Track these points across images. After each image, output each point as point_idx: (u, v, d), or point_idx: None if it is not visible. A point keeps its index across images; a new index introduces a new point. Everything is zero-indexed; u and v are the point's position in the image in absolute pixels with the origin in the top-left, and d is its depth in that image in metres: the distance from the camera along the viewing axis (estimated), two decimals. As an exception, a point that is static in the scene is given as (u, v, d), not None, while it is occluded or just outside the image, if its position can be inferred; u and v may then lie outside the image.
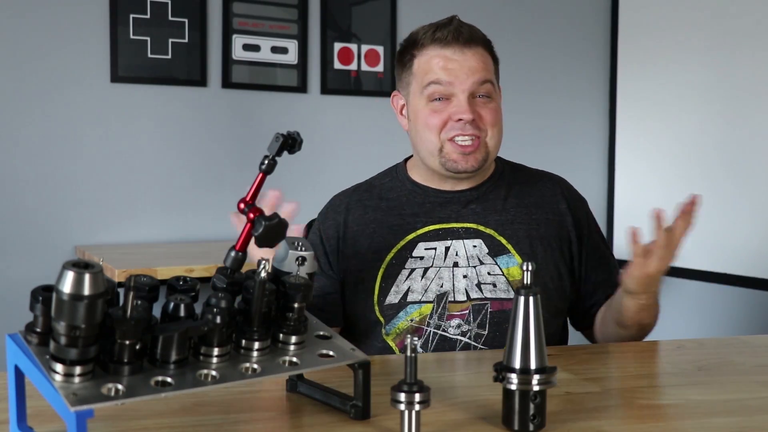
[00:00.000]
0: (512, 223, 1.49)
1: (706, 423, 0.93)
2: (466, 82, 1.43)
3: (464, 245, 1.47)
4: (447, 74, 1.43)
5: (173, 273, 1.89)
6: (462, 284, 1.45)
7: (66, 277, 0.72)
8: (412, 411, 0.82)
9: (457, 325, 1.43)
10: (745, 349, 1.32)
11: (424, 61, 1.46)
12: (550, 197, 1.54)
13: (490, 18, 3.34)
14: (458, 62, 1.43)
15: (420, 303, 1.44)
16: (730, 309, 3.27)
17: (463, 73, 1.43)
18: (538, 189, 1.55)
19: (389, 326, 1.45)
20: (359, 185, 1.60)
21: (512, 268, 1.45)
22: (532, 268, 0.89)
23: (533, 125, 3.44)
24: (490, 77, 1.46)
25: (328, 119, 3.15)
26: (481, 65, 1.44)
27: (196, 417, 0.91)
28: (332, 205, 1.58)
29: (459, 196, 1.51)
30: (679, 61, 3.21)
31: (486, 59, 1.46)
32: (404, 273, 1.46)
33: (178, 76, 2.92)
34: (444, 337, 1.43)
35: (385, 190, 1.56)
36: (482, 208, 1.50)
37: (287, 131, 0.91)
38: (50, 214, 2.77)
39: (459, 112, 1.43)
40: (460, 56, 1.43)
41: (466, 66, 1.43)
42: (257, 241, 0.88)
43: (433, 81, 1.44)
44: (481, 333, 1.43)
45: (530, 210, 1.51)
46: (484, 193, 1.52)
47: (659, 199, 3.46)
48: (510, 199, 1.52)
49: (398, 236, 1.48)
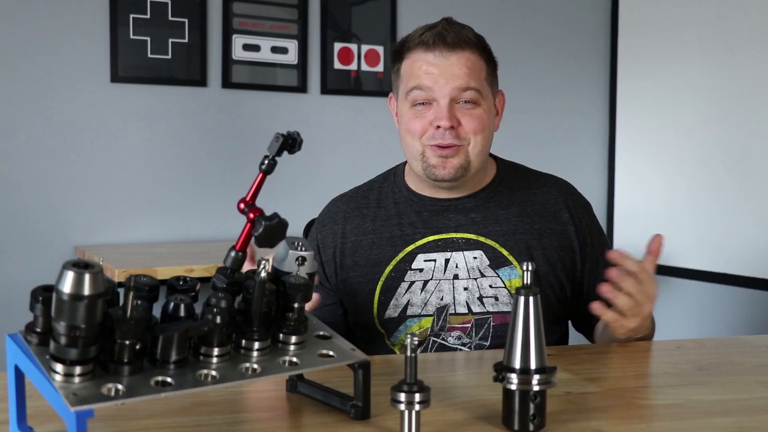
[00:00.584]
0: (514, 233, 1.45)
1: (706, 423, 0.93)
2: (446, 88, 1.39)
3: (464, 257, 1.44)
4: (428, 79, 1.39)
5: (173, 273, 1.89)
6: (463, 297, 1.42)
7: (66, 277, 0.72)
8: (412, 411, 0.82)
9: (457, 336, 1.41)
10: (745, 349, 1.32)
11: (408, 64, 1.43)
12: (552, 205, 1.49)
13: (490, 18, 3.34)
14: (440, 67, 1.39)
15: (420, 317, 1.42)
16: (730, 309, 3.27)
17: (444, 78, 1.39)
18: (541, 196, 1.50)
19: (393, 338, 1.44)
20: (357, 189, 1.57)
21: (514, 281, 1.42)
22: (532, 268, 0.88)
23: (533, 125, 3.45)
24: (474, 84, 1.40)
25: (328, 119, 3.15)
26: (464, 71, 1.40)
27: (196, 417, 0.91)
28: (330, 213, 1.54)
29: (457, 204, 1.47)
30: (679, 61, 3.21)
31: (473, 63, 1.41)
32: (404, 286, 1.43)
33: (178, 76, 2.92)
34: (443, 345, 1.41)
35: (383, 196, 1.53)
36: (482, 218, 1.46)
37: (287, 131, 0.91)
38: (50, 214, 2.77)
39: (438, 118, 1.39)
40: (442, 61, 1.40)
41: (447, 71, 1.39)
42: (257, 241, 0.88)
43: (415, 86, 1.41)
44: (483, 344, 1.41)
45: (532, 219, 1.47)
46: (484, 200, 1.48)
47: (659, 199, 3.47)
48: (512, 207, 1.48)
49: (397, 248, 1.46)
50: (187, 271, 2.30)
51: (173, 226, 2.95)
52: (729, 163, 3.06)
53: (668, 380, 1.12)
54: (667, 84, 3.26)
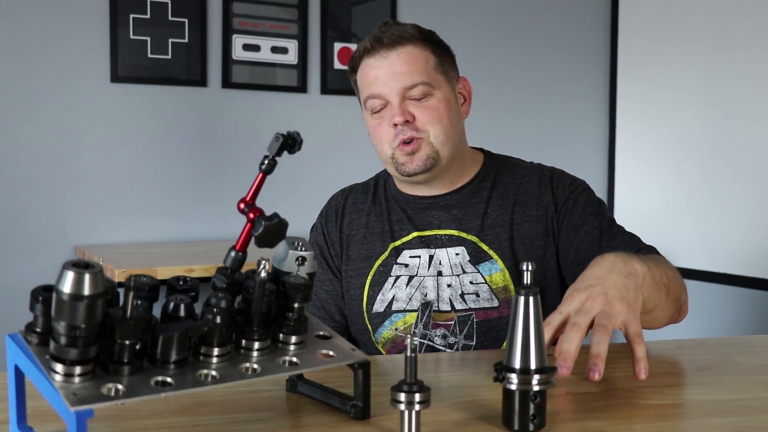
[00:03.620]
0: (493, 227, 1.45)
1: (706, 423, 0.93)
2: (394, 88, 1.40)
3: (447, 254, 1.44)
4: (376, 84, 1.41)
5: (173, 273, 1.90)
6: (446, 294, 1.42)
7: (66, 277, 0.72)
8: (412, 411, 0.82)
9: (443, 335, 1.41)
10: (745, 349, 1.32)
11: (360, 75, 1.46)
12: (535, 191, 1.47)
13: (490, 18, 3.34)
14: (382, 68, 1.41)
15: (405, 312, 1.43)
16: (730, 309, 3.27)
17: (389, 78, 1.40)
18: (524, 185, 1.49)
19: (377, 335, 1.45)
20: (356, 185, 1.60)
21: (495, 275, 1.42)
22: (532, 268, 0.88)
23: (533, 125, 3.44)
24: (418, 77, 1.40)
25: (328, 119, 3.15)
26: (406, 67, 1.40)
27: (196, 417, 0.91)
28: (331, 207, 1.58)
29: (439, 201, 1.48)
30: (679, 62, 3.21)
31: (416, 57, 1.41)
32: (390, 281, 1.45)
33: (178, 76, 2.92)
34: (431, 347, 1.41)
35: (378, 192, 1.56)
36: (464, 214, 1.47)
37: (287, 131, 0.91)
38: (50, 214, 2.77)
39: (392, 117, 1.40)
40: (383, 62, 1.41)
41: (390, 71, 1.40)
42: (257, 241, 0.88)
43: (368, 95, 1.43)
44: (469, 344, 1.41)
45: (512, 210, 1.46)
46: (467, 196, 1.49)
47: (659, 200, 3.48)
48: (493, 201, 1.48)
49: (386, 243, 1.48)
50: (187, 271, 2.30)
51: (173, 226, 2.95)
52: (729, 164, 3.06)
53: (668, 380, 1.12)
54: (667, 84, 3.26)
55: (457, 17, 3.21)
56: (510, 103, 3.39)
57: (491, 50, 3.37)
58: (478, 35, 3.34)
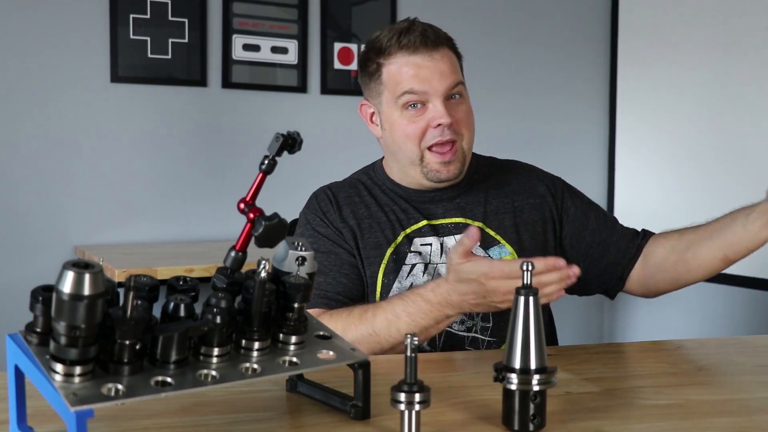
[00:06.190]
0: (497, 213, 1.50)
1: (706, 423, 0.93)
2: (439, 87, 1.42)
3: (456, 240, 1.45)
4: (420, 82, 1.42)
5: (173, 273, 1.89)
6: None
7: (66, 277, 0.72)
8: (412, 411, 0.82)
9: (461, 320, 1.43)
10: (745, 349, 1.32)
11: (394, 70, 1.45)
12: (527, 182, 1.56)
13: (490, 18, 3.34)
14: (429, 68, 1.42)
15: None
16: (730, 309, 3.27)
17: (436, 78, 1.42)
18: (513, 177, 1.57)
19: None
20: (335, 183, 1.58)
21: (505, 258, 1.46)
22: (532, 268, 0.89)
23: (533, 126, 3.44)
24: (460, 78, 1.46)
25: (328, 119, 3.15)
26: (450, 67, 1.44)
27: (196, 417, 0.91)
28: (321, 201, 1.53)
29: (441, 194, 1.51)
30: (680, 62, 3.21)
31: (453, 59, 1.46)
32: (405, 269, 1.46)
33: (178, 76, 2.92)
34: (450, 333, 1.43)
35: (368, 187, 1.55)
36: (467, 202, 1.51)
37: (287, 131, 0.91)
38: (50, 214, 2.77)
39: (437, 117, 1.42)
40: (429, 61, 1.42)
41: (437, 71, 1.42)
42: (257, 241, 0.88)
43: (406, 91, 1.43)
44: (487, 326, 1.43)
45: (511, 198, 1.53)
46: (465, 189, 1.53)
47: (659, 199, 3.47)
48: (490, 191, 1.53)
49: (396, 231, 1.48)
50: (187, 271, 2.30)
51: (173, 226, 2.95)
52: (729, 164, 3.06)
53: (668, 380, 1.12)
54: (667, 85, 3.26)
55: (457, 18, 3.21)
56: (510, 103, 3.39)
57: (491, 51, 3.37)
58: (477, 36, 3.34)
